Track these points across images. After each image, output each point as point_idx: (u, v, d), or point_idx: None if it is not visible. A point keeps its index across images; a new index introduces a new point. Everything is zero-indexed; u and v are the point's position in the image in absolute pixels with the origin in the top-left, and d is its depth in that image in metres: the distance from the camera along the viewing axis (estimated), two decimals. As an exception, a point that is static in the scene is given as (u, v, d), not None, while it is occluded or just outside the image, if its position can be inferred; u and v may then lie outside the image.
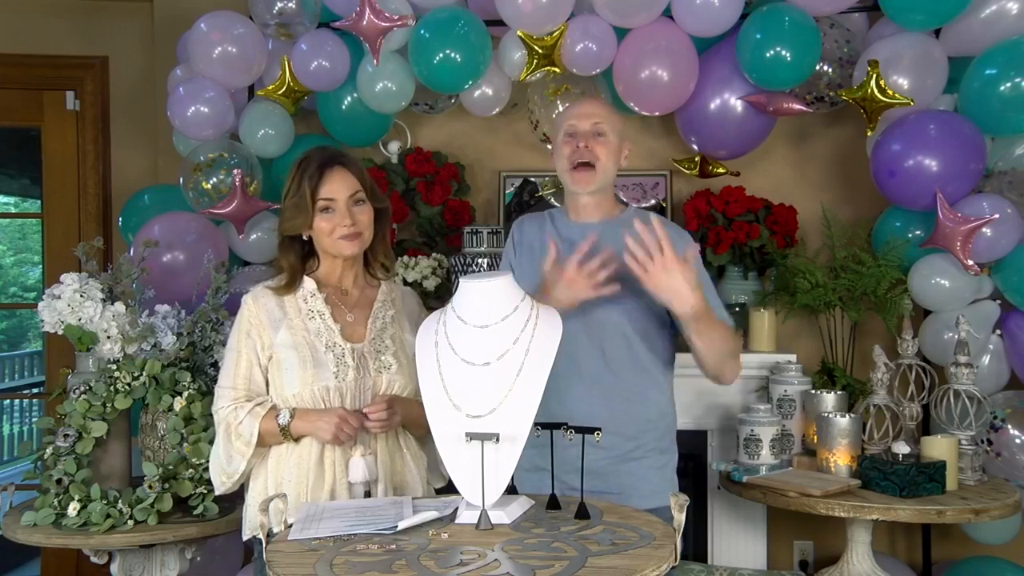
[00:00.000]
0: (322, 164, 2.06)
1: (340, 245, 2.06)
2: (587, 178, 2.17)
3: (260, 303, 2.07)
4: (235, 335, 2.07)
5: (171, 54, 3.53)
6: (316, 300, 2.08)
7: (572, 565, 1.45)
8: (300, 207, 2.04)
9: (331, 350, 2.03)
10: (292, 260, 2.11)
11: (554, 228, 2.27)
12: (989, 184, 3.01)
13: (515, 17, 3.06)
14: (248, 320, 2.06)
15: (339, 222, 2.04)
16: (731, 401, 3.21)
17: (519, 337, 1.77)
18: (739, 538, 3.25)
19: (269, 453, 2.04)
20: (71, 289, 2.71)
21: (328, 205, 2.04)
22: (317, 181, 2.04)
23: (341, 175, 2.06)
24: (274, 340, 2.03)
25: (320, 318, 2.06)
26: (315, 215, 2.04)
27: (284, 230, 2.09)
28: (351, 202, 2.05)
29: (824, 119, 3.49)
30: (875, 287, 3.14)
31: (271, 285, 2.10)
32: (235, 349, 2.06)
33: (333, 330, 2.05)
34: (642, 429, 2.18)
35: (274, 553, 1.57)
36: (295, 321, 2.05)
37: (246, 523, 2.09)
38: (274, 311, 2.06)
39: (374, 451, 2.04)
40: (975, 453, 2.82)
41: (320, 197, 2.03)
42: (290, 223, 2.07)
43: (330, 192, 2.04)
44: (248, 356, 2.04)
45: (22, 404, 7.18)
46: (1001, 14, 2.93)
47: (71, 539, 2.48)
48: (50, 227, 4.01)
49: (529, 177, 3.63)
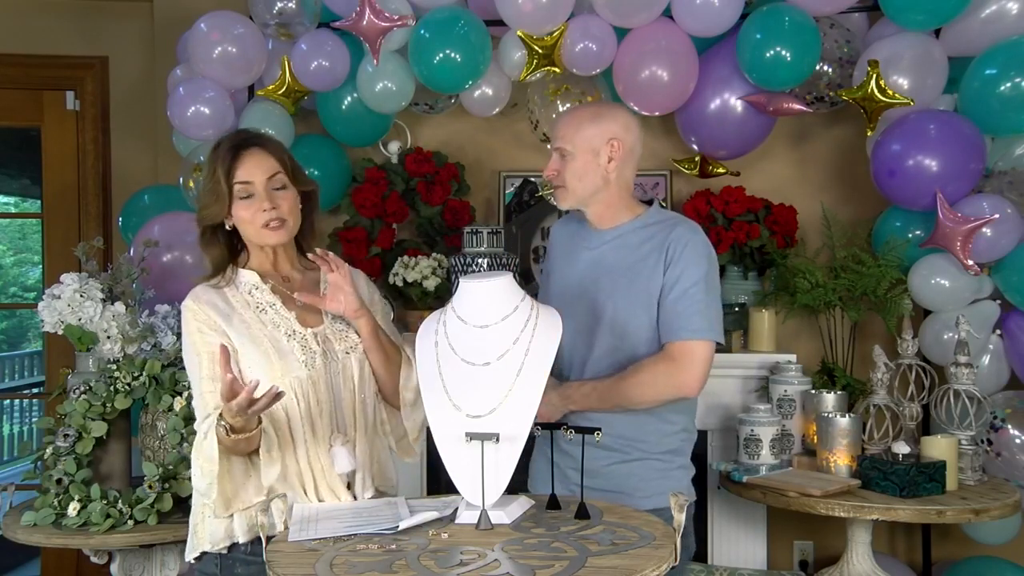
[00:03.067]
0: (235, 146, 1.91)
1: (264, 235, 1.91)
2: (561, 197, 2.23)
3: (202, 300, 1.92)
4: (187, 341, 1.91)
5: (171, 54, 3.53)
6: (262, 292, 1.95)
7: (572, 565, 1.45)
8: (216, 193, 1.89)
9: (293, 338, 1.91)
10: (216, 252, 1.97)
11: (581, 235, 2.29)
12: (989, 184, 3.01)
13: (515, 17, 3.06)
14: (195, 320, 1.90)
15: (259, 207, 1.89)
16: (731, 401, 3.21)
17: (519, 337, 1.77)
18: (739, 538, 3.25)
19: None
20: (71, 289, 2.71)
21: (245, 190, 1.89)
22: (230, 164, 1.88)
23: (257, 156, 1.91)
24: (228, 331, 1.88)
25: (272, 309, 1.93)
26: (233, 202, 1.89)
27: (201, 219, 1.94)
28: (270, 185, 1.90)
29: (824, 119, 3.48)
30: (875, 287, 3.14)
31: (208, 283, 1.97)
32: (193, 353, 1.89)
33: (290, 319, 1.93)
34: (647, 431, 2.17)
35: (274, 553, 1.56)
36: (245, 315, 1.91)
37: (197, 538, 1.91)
38: (219, 304, 1.91)
39: (352, 440, 1.94)
40: (975, 453, 2.82)
41: (235, 181, 1.88)
42: (206, 211, 1.92)
43: (245, 175, 1.89)
44: (209, 351, 1.86)
45: (22, 404, 7.19)
46: (1001, 14, 2.92)
47: (71, 539, 2.47)
48: (50, 227, 4.02)
49: (529, 177, 3.63)
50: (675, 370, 2.08)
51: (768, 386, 3.12)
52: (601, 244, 2.22)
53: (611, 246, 2.20)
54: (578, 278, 2.23)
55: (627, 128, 2.20)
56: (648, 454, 2.16)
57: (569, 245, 2.30)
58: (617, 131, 2.18)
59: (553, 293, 2.30)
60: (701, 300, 2.09)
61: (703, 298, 2.10)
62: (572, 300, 2.19)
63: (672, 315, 2.10)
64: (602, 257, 2.21)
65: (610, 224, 2.22)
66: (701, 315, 2.09)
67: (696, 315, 2.08)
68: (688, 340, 2.08)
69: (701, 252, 2.13)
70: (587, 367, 2.19)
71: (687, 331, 2.08)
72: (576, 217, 2.31)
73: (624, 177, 2.21)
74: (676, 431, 2.20)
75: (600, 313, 2.16)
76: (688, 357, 2.08)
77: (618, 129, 2.18)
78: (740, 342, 3.32)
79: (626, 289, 2.14)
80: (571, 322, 2.19)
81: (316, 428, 1.91)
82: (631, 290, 2.13)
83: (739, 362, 3.24)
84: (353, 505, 1.90)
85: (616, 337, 2.15)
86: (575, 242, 2.29)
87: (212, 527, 1.88)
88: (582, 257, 2.25)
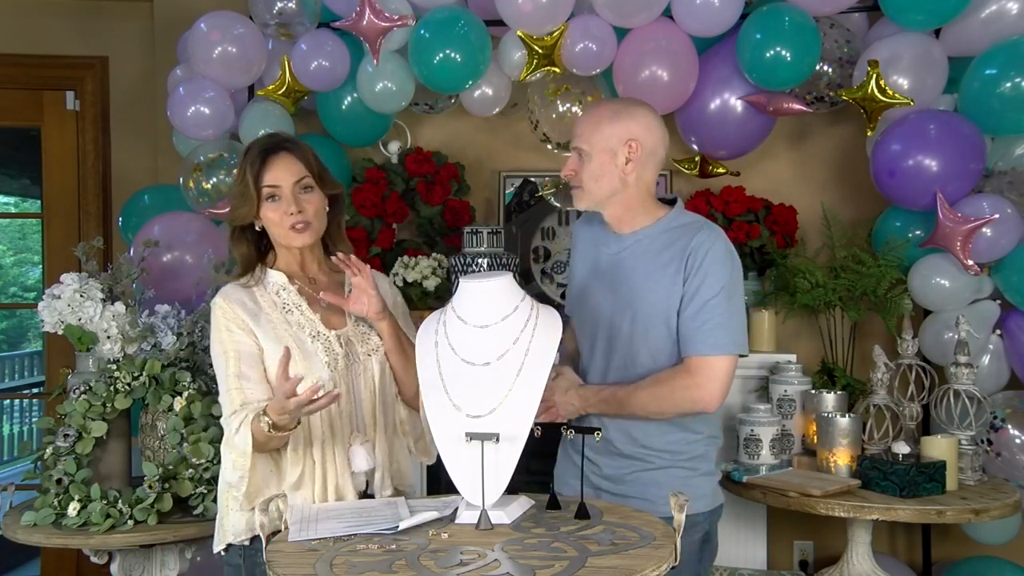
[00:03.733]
0: (265, 150, 1.98)
1: (290, 236, 1.98)
2: (577, 197, 2.17)
3: (231, 299, 1.97)
4: (216, 340, 1.96)
5: (171, 54, 3.53)
6: (289, 293, 2.01)
7: (572, 565, 1.45)
8: (245, 195, 1.97)
9: (317, 339, 1.96)
10: (245, 250, 2.04)
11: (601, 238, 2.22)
12: (989, 184, 3.01)
13: (515, 17, 3.06)
14: (224, 318, 1.95)
15: (286, 210, 1.96)
16: (731, 401, 3.19)
17: (519, 337, 1.77)
18: (739, 538, 3.24)
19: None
20: (71, 289, 2.71)
21: (273, 192, 1.96)
22: (260, 167, 1.96)
23: (285, 160, 1.98)
24: (255, 330, 1.94)
25: (298, 310, 1.99)
26: (261, 204, 1.96)
27: (231, 220, 2.02)
28: (297, 188, 1.97)
29: (824, 119, 3.49)
30: (875, 287, 3.14)
31: (238, 282, 2.03)
32: (220, 352, 1.94)
33: (315, 320, 1.98)
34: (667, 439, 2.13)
35: (274, 553, 1.57)
36: (272, 315, 1.97)
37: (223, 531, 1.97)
38: (247, 303, 1.97)
39: (372, 440, 1.99)
40: (975, 453, 2.82)
41: (264, 184, 1.96)
42: (236, 212, 1.99)
43: (274, 179, 1.96)
44: (236, 350, 1.93)
45: (22, 404, 7.19)
46: (1001, 14, 2.93)
47: (71, 539, 2.47)
48: (50, 227, 4.02)
49: (529, 177, 3.63)
50: (693, 385, 2.02)
51: (768, 386, 3.12)
52: (621, 249, 2.15)
53: (630, 251, 2.13)
54: (597, 283, 2.18)
55: (647, 129, 2.11)
56: (673, 462, 2.11)
57: (590, 247, 2.24)
58: (636, 131, 2.09)
59: (574, 296, 2.28)
60: (723, 312, 2.01)
61: (724, 310, 2.02)
62: (591, 307, 2.16)
63: (692, 328, 2.02)
64: (621, 263, 2.14)
65: (629, 228, 2.15)
66: (722, 328, 2.01)
67: (717, 328, 2.01)
68: (708, 356, 2.01)
69: (723, 260, 2.04)
70: (608, 375, 2.15)
71: (707, 346, 2.01)
72: (598, 218, 2.22)
73: (644, 179, 2.13)
74: (701, 439, 2.14)
75: (619, 322, 2.10)
76: (707, 373, 2.01)
77: (637, 129, 2.10)
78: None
79: (645, 298, 2.07)
80: (589, 329, 2.19)
81: (335, 428, 1.96)
82: (650, 299, 2.07)
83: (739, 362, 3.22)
84: (353, 505, 1.90)
85: (636, 346, 2.09)
86: (595, 245, 2.22)
87: (235, 520, 1.94)
88: (602, 261, 2.18)
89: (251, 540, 1.94)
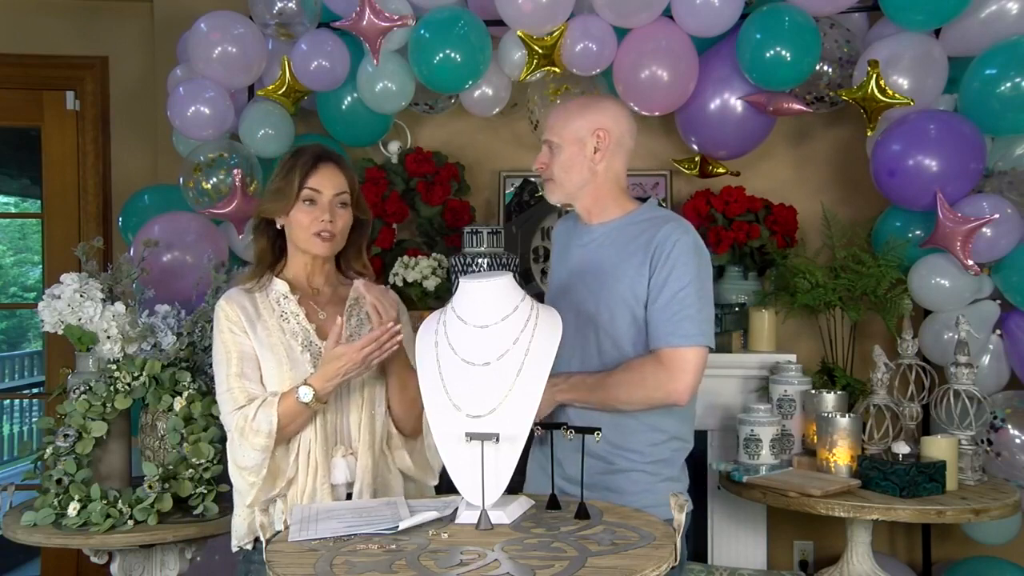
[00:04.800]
0: (319, 156, 2.05)
1: (313, 242, 2.02)
2: (549, 190, 2.20)
3: (234, 303, 2.02)
4: (218, 340, 2.01)
5: (171, 54, 3.54)
6: (289, 302, 2.04)
7: (572, 565, 1.45)
8: (283, 192, 2.02)
9: (307, 349, 1.99)
10: (262, 244, 2.09)
11: (575, 232, 2.24)
12: (989, 184, 3.01)
13: (515, 17, 3.06)
14: (226, 319, 2.01)
15: (318, 216, 2.01)
16: (731, 401, 3.21)
17: (519, 337, 1.77)
18: (739, 538, 3.25)
19: None
20: (71, 289, 2.71)
21: (313, 196, 2.01)
22: (309, 169, 2.02)
23: (333, 171, 2.04)
24: (251, 335, 1.99)
25: (295, 319, 2.03)
26: (296, 203, 2.01)
27: (261, 211, 2.06)
28: (336, 201, 2.03)
29: (824, 119, 3.49)
30: (875, 287, 3.14)
31: (243, 285, 2.07)
32: (223, 352, 2.00)
33: (308, 330, 2.02)
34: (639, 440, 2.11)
35: (274, 553, 1.56)
36: (269, 322, 2.01)
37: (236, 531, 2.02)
38: (248, 309, 2.02)
39: (355, 452, 2.00)
40: (975, 453, 2.82)
41: (307, 186, 2.01)
42: (269, 205, 2.04)
43: (318, 184, 2.01)
44: (238, 351, 1.98)
45: (22, 404, 7.19)
46: (1001, 14, 2.93)
47: (71, 539, 2.47)
48: (50, 227, 4.02)
49: (529, 177, 3.63)
50: (665, 377, 1.99)
51: (768, 386, 3.12)
52: (590, 240, 2.17)
53: (598, 243, 2.15)
54: (568, 276, 2.19)
55: (615, 119, 2.14)
56: (635, 464, 2.07)
57: (565, 242, 2.27)
58: (604, 121, 2.11)
59: (550, 291, 2.29)
60: (692, 304, 2.00)
61: (694, 302, 2.00)
62: (563, 298, 2.15)
63: (661, 320, 2.00)
64: (590, 254, 2.15)
65: (598, 219, 2.17)
66: (691, 320, 1.99)
67: (686, 320, 1.99)
68: (679, 347, 1.99)
69: (690, 252, 2.02)
70: (573, 365, 2.12)
71: (678, 337, 1.99)
72: (575, 215, 2.25)
73: (613, 169, 2.14)
74: (665, 440, 2.09)
75: (587, 312, 2.10)
76: (678, 364, 1.99)
77: (605, 119, 2.12)
78: (740, 342, 3.32)
79: (611, 288, 2.07)
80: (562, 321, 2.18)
81: (319, 438, 1.97)
82: (616, 289, 2.06)
83: (739, 362, 3.24)
84: (353, 505, 1.90)
85: (603, 337, 2.08)
86: (570, 239, 2.25)
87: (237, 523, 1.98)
88: (573, 254, 2.20)
89: (253, 543, 1.98)
